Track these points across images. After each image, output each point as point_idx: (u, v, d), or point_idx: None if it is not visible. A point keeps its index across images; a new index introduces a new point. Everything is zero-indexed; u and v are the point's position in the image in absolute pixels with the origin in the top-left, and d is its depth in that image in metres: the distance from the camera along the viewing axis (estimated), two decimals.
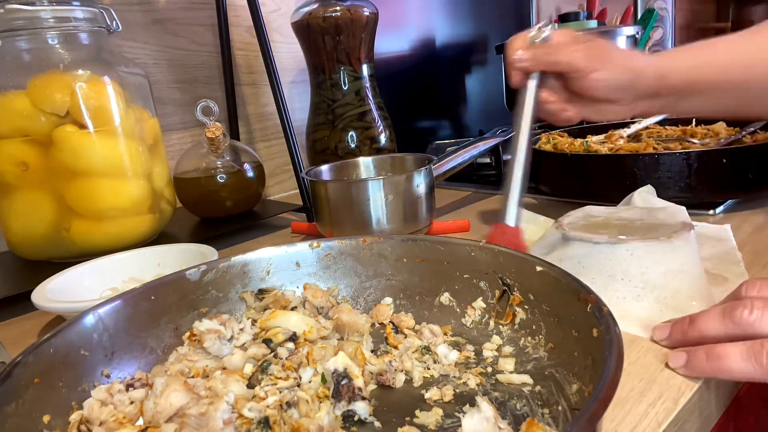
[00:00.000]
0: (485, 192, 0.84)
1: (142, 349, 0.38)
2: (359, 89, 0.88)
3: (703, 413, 0.34)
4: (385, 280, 0.45)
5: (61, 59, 0.60)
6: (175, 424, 0.29)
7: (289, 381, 0.33)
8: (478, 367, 0.36)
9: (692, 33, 2.25)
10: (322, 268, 0.46)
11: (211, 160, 0.74)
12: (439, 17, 1.28)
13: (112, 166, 0.61)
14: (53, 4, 0.58)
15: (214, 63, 0.91)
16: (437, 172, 0.66)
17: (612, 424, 0.30)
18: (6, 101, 0.58)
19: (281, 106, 0.73)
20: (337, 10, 0.81)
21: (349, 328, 0.40)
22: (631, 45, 1.15)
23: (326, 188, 0.60)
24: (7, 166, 0.58)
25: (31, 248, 0.63)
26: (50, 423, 0.30)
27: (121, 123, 0.62)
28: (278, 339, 0.38)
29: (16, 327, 0.52)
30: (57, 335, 0.33)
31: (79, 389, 0.33)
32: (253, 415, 0.30)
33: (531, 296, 0.37)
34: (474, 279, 0.41)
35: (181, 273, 0.41)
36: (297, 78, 1.03)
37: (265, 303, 0.43)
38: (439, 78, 1.30)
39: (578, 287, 0.33)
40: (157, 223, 0.67)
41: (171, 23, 0.86)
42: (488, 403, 0.29)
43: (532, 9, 1.53)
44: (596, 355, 0.28)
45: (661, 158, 0.60)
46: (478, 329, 0.40)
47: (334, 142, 0.87)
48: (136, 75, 0.67)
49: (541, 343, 0.36)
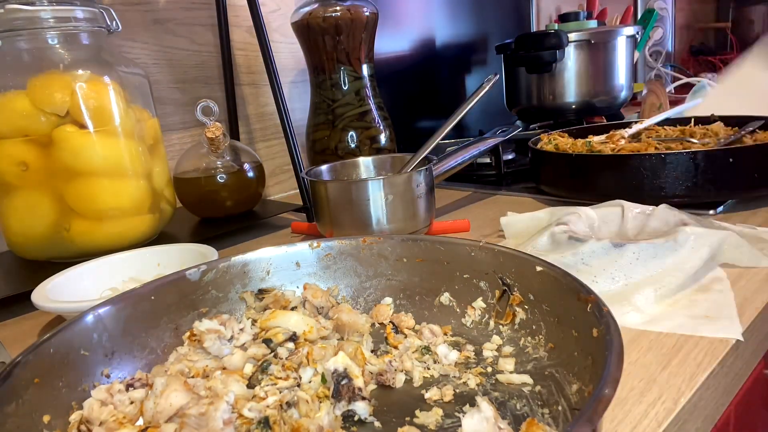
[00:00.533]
0: (485, 192, 0.84)
1: (142, 349, 0.38)
2: (359, 89, 0.88)
3: (703, 413, 0.34)
4: (385, 280, 0.45)
5: (61, 59, 0.60)
6: (175, 424, 0.29)
7: (289, 381, 0.33)
8: (478, 367, 0.36)
9: (692, 33, 2.25)
10: (322, 268, 0.46)
11: (211, 160, 0.74)
12: (439, 17, 1.28)
13: (112, 166, 0.61)
14: (53, 4, 0.58)
15: (214, 63, 0.91)
16: (437, 172, 0.66)
17: (612, 424, 0.30)
18: (6, 101, 0.58)
19: (281, 106, 0.73)
20: (337, 10, 0.81)
21: (349, 328, 0.40)
22: (631, 45, 1.15)
23: (326, 188, 0.60)
24: (7, 166, 0.58)
25: (31, 248, 0.63)
26: (50, 423, 0.30)
27: (121, 123, 0.62)
28: (278, 339, 0.38)
29: (16, 327, 0.52)
30: (57, 335, 0.33)
31: (79, 389, 0.33)
32: (253, 415, 0.30)
33: (531, 296, 0.37)
34: (474, 279, 0.41)
35: (181, 273, 0.41)
36: (297, 78, 1.03)
37: (265, 303, 0.43)
38: (439, 78, 1.30)
39: (578, 287, 0.33)
40: (157, 223, 0.67)
41: (171, 23, 0.86)
42: (488, 403, 0.29)
43: (532, 9, 1.53)
44: (596, 355, 0.28)
45: (668, 158, 0.60)
46: (478, 329, 0.40)
47: (334, 142, 0.87)
48: (136, 75, 0.67)
49: (541, 343, 0.36)
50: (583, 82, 1.13)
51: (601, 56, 1.12)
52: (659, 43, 1.95)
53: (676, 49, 2.14)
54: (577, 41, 1.09)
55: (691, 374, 0.34)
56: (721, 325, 0.38)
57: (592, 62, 1.12)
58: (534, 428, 0.26)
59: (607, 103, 1.16)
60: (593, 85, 1.13)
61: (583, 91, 1.13)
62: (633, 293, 0.42)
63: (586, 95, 1.14)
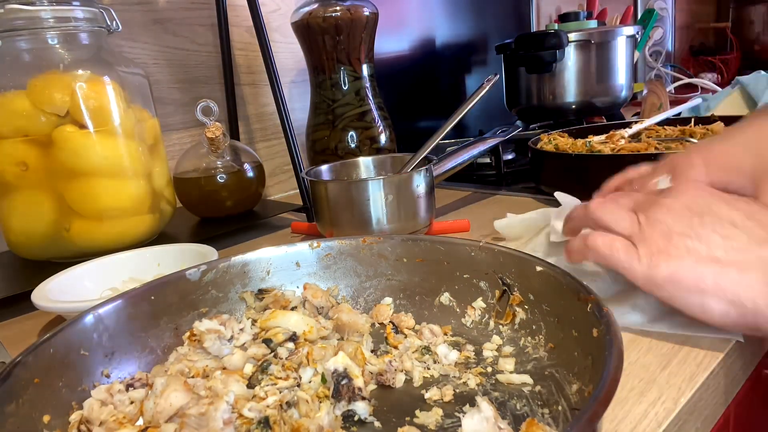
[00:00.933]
0: (485, 192, 0.84)
1: (142, 349, 0.38)
2: (359, 89, 0.88)
3: (703, 413, 0.34)
4: (385, 280, 0.45)
5: (61, 59, 0.60)
6: (175, 424, 0.29)
7: (289, 381, 0.33)
8: (478, 367, 0.36)
9: (692, 33, 2.25)
10: (322, 268, 0.46)
11: (211, 160, 0.74)
12: (439, 17, 1.28)
13: (112, 166, 0.61)
14: (53, 4, 0.58)
15: (214, 63, 0.91)
16: (437, 172, 0.66)
17: (612, 424, 0.30)
18: (6, 101, 0.58)
19: (281, 106, 0.73)
20: (337, 10, 0.81)
21: (349, 328, 0.40)
22: (631, 45, 1.15)
23: (326, 188, 0.60)
24: (7, 166, 0.58)
25: (31, 248, 0.63)
26: (50, 423, 0.30)
27: (121, 123, 0.62)
28: (278, 339, 0.38)
29: (16, 327, 0.52)
30: (57, 335, 0.33)
31: (79, 389, 0.33)
32: (253, 415, 0.30)
33: (531, 296, 0.37)
34: (474, 279, 0.41)
35: (181, 273, 0.41)
36: (297, 78, 1.03)
37: (265, 303, 0.43)
38: (439, 78, 1.30)
39: (578, 287, 0.33)
40: (157, 223, 0.67)
41: (171, 23, 0.86)
42: (488, 403, 0.29)
43: (532, 9, 1.53)
44: (596, 355, 0.28)
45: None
46: (478, 329, 0.40)
47: (334, 142, 0.87)
48: (136, 75, 0.67)
49: (541, 343, 0.36)
50: (583, 82, 1.12)
51: (600, 56, 1.12)
52: (659, 43, 1.95)
53: (676, 49, 2.14)
54: (576, 41, 1.09)
55: (691, 374, 0.34)
56: None
57: (591, 62, 1.12)
58: (534, 428, 0.26)
59: (607, 103, 1.16)
60: (593, 84, 1.13)
61: (583, 90, 1.13)
62: (635, 291, 0.42)
63: (586, 95, 1.13)
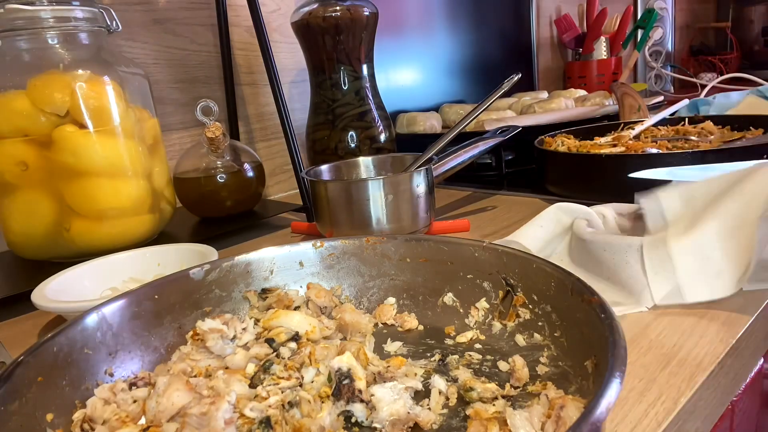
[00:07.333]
0: (485, 192, 0.84)
1: (146, 347, 0.38)
2: (359, 89, 0.88)
3: (703, 413, 0.35)
4: (388, 280, 0.45)
5: (61, 59, 0.60)
6: (177, 424, 0.29)
7: (292, 381, 0.33)
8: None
9: (692, 33, 2.26)
10: (325, 268, 0.46)
11: (211, 160, 0.74)
12: (439, 17, 1.28)
13: (112, 166, 0.61)
14: (53, 4, 0.58)
15: (214, 63, 0.91)
16: (437, 172, 0.66)
17: (612, 424, 0.30)
18: (6, 101, 0.58)
19: (281, 106, 0.73)
20: (337, 10, 0.81)
21: (352, 328, 0.40)
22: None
23: (326, 188, 0.60)
24: (7, 166, 0.58)
25: (31, 248, 0.63)
26: (53, 421, 0.30)
27: (121, 123, 0.62)
28: (281, 339, 0.38)
29: (16, 327, 0.52)
30: (60, 333, 0.33)
31: (82, 388, 0.33)
32: (255, 414, 0.30)
33: (534, 297, 0.37)
34: (477, 279, 0.41)
35: (185, 272, 0.41)
36: (297, 78, 1.03)
37: (268, 302, 0.43)
38: (439, 78, 1.30)
39: (582, 288, 0.33)
40: (157, 223, 0.67)
41: (171, 23, 0.86)
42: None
43: (532, 9, 1.53)
44: (599, 356, 0.28)
45: (705, 155, 0.60)
46: (481, 329, 0.40)
47: (334, 142, 0.87)
48: (136, 75, 0.67)
49: (544, 344, 0.36)
50: None
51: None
52: (659, 43, 1.95)
53: (676, 49, 2.14)
54: None
55: (691, 374, 0.34)
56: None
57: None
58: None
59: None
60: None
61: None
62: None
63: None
